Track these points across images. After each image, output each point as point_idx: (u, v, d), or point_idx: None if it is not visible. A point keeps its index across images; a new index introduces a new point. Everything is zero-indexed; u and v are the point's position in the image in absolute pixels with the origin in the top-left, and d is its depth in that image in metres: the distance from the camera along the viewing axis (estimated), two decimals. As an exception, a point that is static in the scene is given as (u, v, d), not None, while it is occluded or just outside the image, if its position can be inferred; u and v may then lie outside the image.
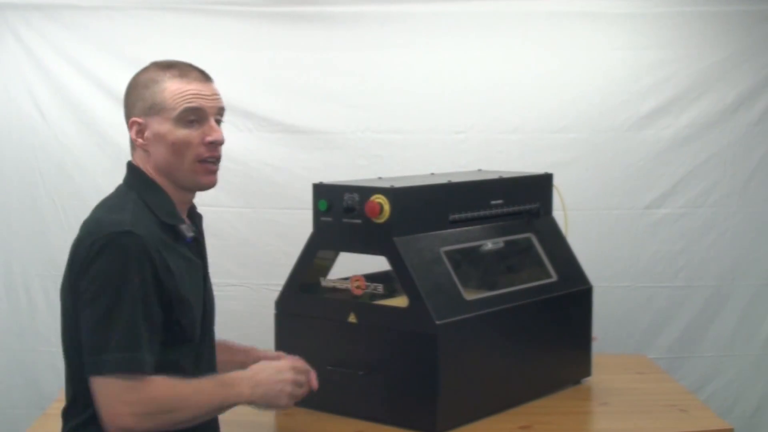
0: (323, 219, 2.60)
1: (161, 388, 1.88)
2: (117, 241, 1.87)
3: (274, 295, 2.69)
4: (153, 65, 2.05)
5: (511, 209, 2.79)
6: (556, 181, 2.97)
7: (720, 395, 3.84)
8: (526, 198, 2.85)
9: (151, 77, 2.02)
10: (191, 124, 2.00)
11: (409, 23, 3.71)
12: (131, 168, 2.07)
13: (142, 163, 2.05)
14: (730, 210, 3.82)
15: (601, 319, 3.21)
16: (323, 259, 2.69)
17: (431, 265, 2.50)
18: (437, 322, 2.38)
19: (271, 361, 2.10)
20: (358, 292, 2.55)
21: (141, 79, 2.03)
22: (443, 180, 2.70)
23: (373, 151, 3.71)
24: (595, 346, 2.93)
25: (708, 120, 3.78)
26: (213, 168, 2.04)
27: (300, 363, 2.13)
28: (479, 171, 3.15)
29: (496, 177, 2.83)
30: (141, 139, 2.02)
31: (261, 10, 3.68)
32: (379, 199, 2.48)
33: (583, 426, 2.65)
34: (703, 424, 2.53)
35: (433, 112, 3.74)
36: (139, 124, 2.02)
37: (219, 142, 2.03)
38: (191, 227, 2.06)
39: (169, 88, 1.99)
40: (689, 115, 3.78)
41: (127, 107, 2.05)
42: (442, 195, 2.64)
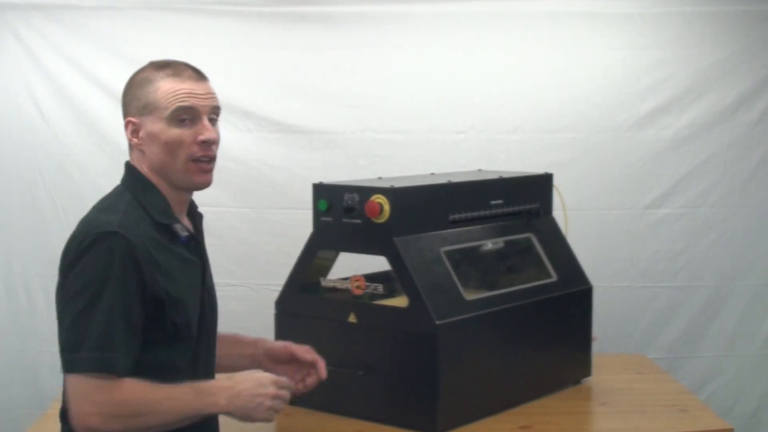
0: (323, 219, 2.60)
1: (132, 390, 1.86)
2: (101, 242, 1.87)
3: (274, 295, 2.69)
4: (149, 65, 2.05)
5: (511, 209, 2.79)
6: (556, 181, 2.97)
7: (720, 395, 3.84)
8: (526, 198, 2.85)
9: (146, 77, 2.01)
10: (184, 124, 1.98)
11: (409, 23, 3.71)
12: (128, 168, 2.07)
13: (138, 163, 2.04)
14: (730, 210, 3.82)
15: (601, 319, 3.21)
16: (323, 259, 2.68)
17: (431, 265, 2.50)
18: (437, 322, 2.38)
19: (255, 372, 2.05)
20: (358, 292, 2.55)
21: (136, 79, 2.03)
22: (443, 180, 2.70)
23: (373, 151, 3.71)
24: (595, 346, 2.93)
25: (708, 120, 3.78)
26: (207, 167, 2.02)
27: (284, 379, 2.05)
28: (479, 171, 3.15)
29: (496, 177, 2.83)
30: (136, 139, 2.02)
31: (261, 10, 3.68)
32: (379, 199, 2.47)
33: (583, 426, 2.65)
34: (703, 424, 2.53)
35: (433, 112, 3.74)
36: (134, 123, 2.01)
37: (212, 141, 2.01)
38: (185, 227, 2.05)
39: (162, 87, 1.98)
40: (689, 115, 3.78)
41: (124, 107, 2.05)
42: (442, 195, 2.64)
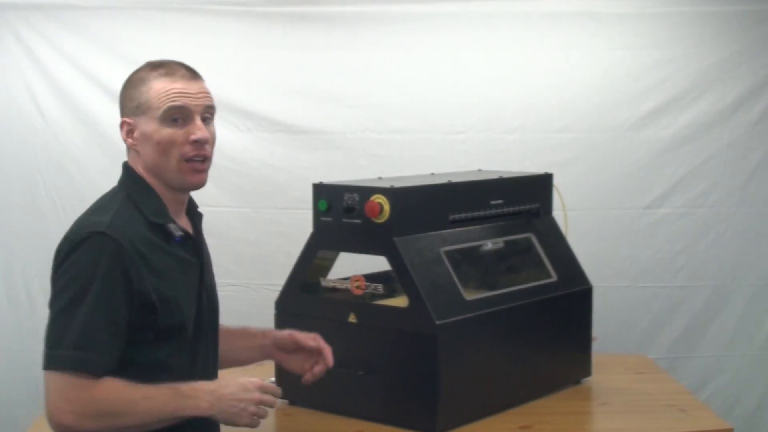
0: (323, 219, 2.60)
1: (109, 390, 1.86)
2: (89, 242, 1.88)
3: (274, 295, 2.69)
4: (145, 65, 2.05)
5: (511, 209, 2.79)
6: (556, 181, 2.97)
7: (720, 395, 3.84)
8: (526, 198, 2.85)
9: (140, 77, 2.01)
10: (176, 123, 1.98)
11: (409, 23, 3.71)
12: (125, 168, 2.07)
13: (133, 163, 2.04)
14: (730, 210, 3.82)
15: (601, 319, 3.21)
16: (323, 259, 2.68)
17: (431, 265, 2.50)
18: (437, 322, 2.38)
19: (241, 377, 2.03)
20: (358, 292, 2.54)
21: (131, 79, 2.03)
22: (443, 180, 2.70)
23: (373, 151, 3.71)
24: (595, 346, 2.93)
25: (708, 120, 3.78)
26: (200, 167, 2.01)
27: (270, 385, 2.04)
28: (479, 171, 3.15)
29: (496, 177, 2.83)
30: (131, 140, 2.02)
31: (261, 10, 3.68)
32: (379, 199, 2.47)
33: (583, 426, 2.65)
34: (703, 424, 2.53)
35: (433, 112, 3.74)
36: (128, 124, 2.01)
37: (204, 141, 1.99)
38: (179, 227, 2.04)
39: (155, 87, 1.98)
40: (689, 115, 3.78)
41: (120, 107, 2.05)
42: (442, 195, 2.64)
